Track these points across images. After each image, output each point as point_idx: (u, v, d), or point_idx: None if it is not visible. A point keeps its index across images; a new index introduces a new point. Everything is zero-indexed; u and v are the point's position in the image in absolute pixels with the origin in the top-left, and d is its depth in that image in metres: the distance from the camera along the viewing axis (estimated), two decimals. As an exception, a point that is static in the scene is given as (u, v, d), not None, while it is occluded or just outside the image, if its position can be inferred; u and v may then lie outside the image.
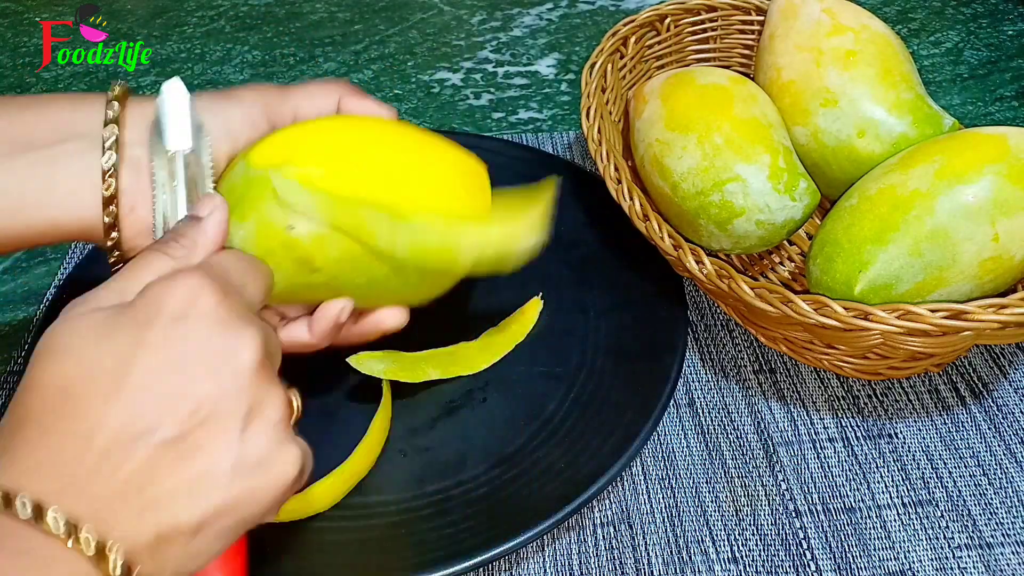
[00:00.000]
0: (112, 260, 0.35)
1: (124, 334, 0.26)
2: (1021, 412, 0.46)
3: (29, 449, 0.25)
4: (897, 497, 0.42)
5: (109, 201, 0.33)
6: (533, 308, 0.49)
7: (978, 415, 0.46)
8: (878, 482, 0.43)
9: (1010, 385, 0.47)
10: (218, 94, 0.37)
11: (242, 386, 0.26)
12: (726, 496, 0.42)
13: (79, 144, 0.34)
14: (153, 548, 0.25)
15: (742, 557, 0.40)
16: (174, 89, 0.35)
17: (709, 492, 0.42)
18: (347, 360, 0.43)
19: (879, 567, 0.39)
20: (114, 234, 0.34)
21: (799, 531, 0.41)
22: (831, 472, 0.43)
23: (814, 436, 0.45)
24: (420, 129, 0.39)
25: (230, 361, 0.26)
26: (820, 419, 0.46)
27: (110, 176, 0.33)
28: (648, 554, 0.40)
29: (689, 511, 0.42)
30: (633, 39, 0.54)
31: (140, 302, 0.27)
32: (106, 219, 0.33)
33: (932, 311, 0.37)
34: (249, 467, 0.26)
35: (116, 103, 0.35)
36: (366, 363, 0.43)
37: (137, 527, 0.24)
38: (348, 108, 0.39)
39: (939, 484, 0.43)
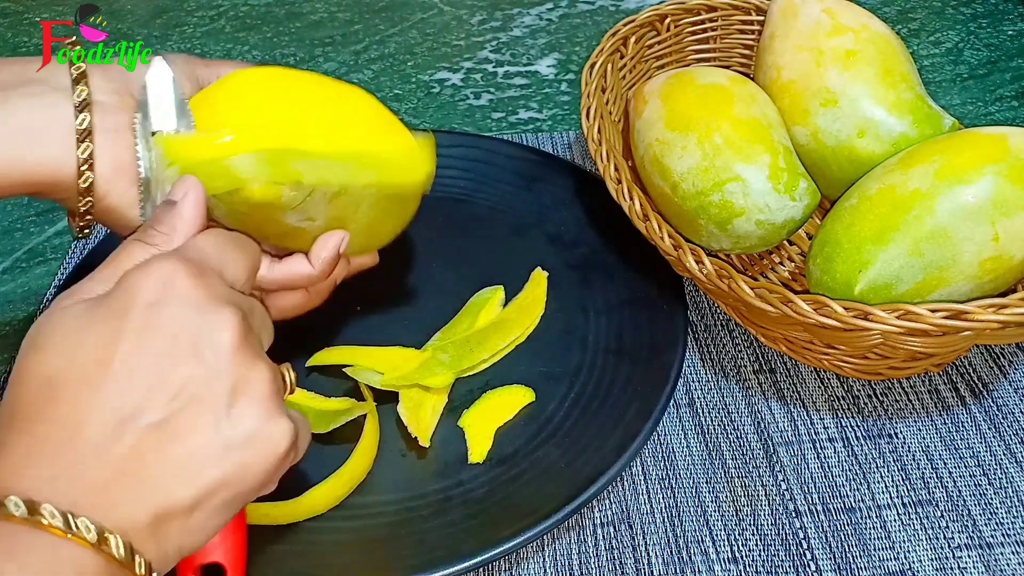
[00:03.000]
0: (78, 223, 0.35)
1: (103, 323, 0.26)
2: (1021, 412, 0.46)
3: (18, 442, 0.25)
4: (897, 497, 0.42)
5: (85, 163, 0.33)
6: (539, 282, 0.50)
7: (978, 415, 0.46)
8: (878, 482, 0.43)
9: (1010, 385, 0.47)
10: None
11: (223, 365, 0.27)
12: (726, 496, 0.42)
13: (38, 88, 0.33)
14: (152, 528, 0.25)
15: (742, 557, 0.40)
16: (157, 69, 0.35)
17: (709, 492, 0.42)
18: (344, 370, 0.44)
19: (879, 567, 0.39)
20: (88, 199, 0.34)
21: (799, 531, 0.41)
22: (831, 472, 0.43)
23: (814, 436, 0.45)
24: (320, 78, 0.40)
25: (209, 341, 0.27)
26: (820, 419, 0.46)
27: (85, 139, 0.33)
28: (648, 554, 0.40)
29: (689, 511, 0.42)
30: (633, 39, 0.54)
31: (116, 291, 0.27)
32: (81, 183, 0.33)
33: (932, 311, 0.37)
34: (239, 443, 0.27)
35: (81, 63, 0.34)
36: (363, 374, 0.44)
37: (134, 510, 0.25)
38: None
39: (939, 484, 0.43)
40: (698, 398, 0.47)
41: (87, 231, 0.36)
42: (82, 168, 0.33)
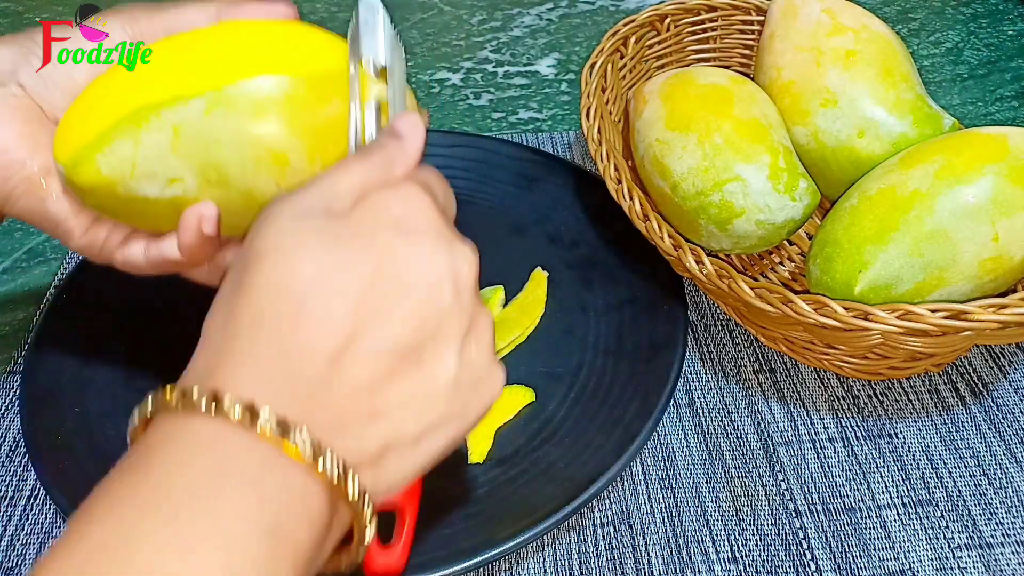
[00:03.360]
0: None
1: (353, 242, 0.25)
2: (1021, 412, 0.46)
3: (266, 356, 0.24)
4: (897, 497, 0.42)
5: None
6: (539, 282, 0.49)
7: (978, 415, 0.46)
8: (878, 482, 0.43)
9: (1010, 385, 0.47)
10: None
11: (464, 303, 0.26)
12: (726, 496, 0.42)
13: None
14: (375, 459, 0.25)
15: (742, 557, 0.40)
16: (369, 3, 0.33)
17: (709, 492, 0.42)
18: None
19: (879, 567, 0.39)
20: None
21: (799, 531, 0.41)
22: (831, 472, 0.43)
23: (814, 436, 0.45)
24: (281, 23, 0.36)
25: (457, 276, 0.26)
26: (820, 419, 0.46)
27: None
28: (648, 554, 0.40)
29: (689, 511, 0.42)
30: (633, 39, 0.54)
31: (362, 210, 0.26)
32: None
33: (932, 311, 0.37)
34: (466, 383, 0.26)
35: None
36: None
37: (363, 437, 0.24)
38: (227, 18, 0.35)
39: (939, 484, 0.43)
40: (698, 398, 0.47)
41: None
42: None
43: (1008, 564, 0.39)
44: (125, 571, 0.20)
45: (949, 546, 0.40)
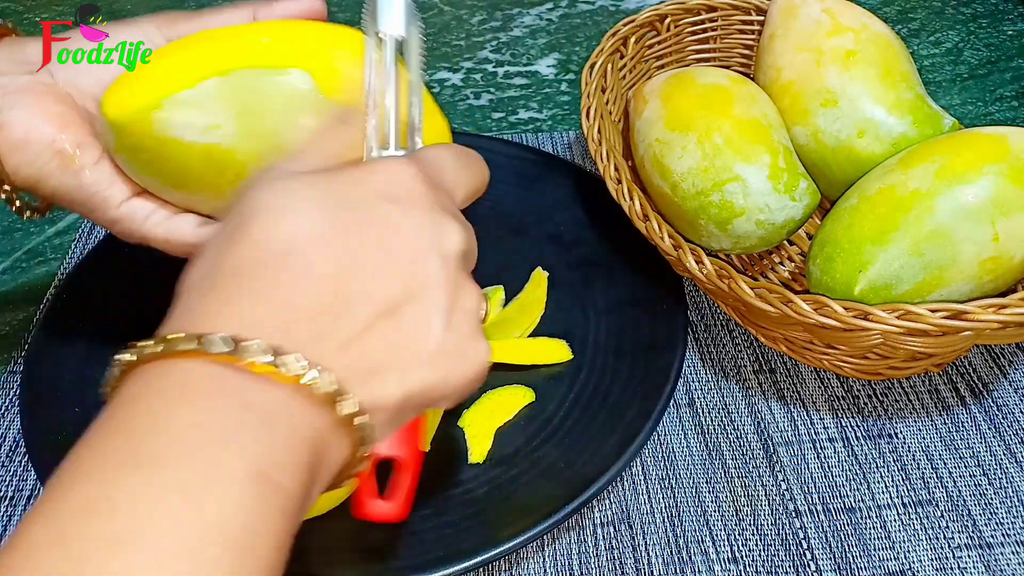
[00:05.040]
0: (14, 207, 0.35)
1: (342, 201, 0.26)
2: (1021, 412, 0.46)
3: (254, 299, 0.24)
4: (897, 497, 0.42)
5: None
6: (539, 282, 0.49)
7: (978, 415, 0.46)
8: (878, 482, 0.43)
9: (1010, 385, 0.47)
10: (116, 22, 0.37)
11: (448, 273, 0.27)
12: (726, 496, 0.42)
13: None
14: (365, 379, 0.25)
15: (742, 557, 0.40)
16: None
17: (709, 492, 0.42)
18: None
19: (879, 567, 0.39)
20: (4, 185, 0.34)
21: (799, 531, 0.41)
22: (831, 472, 0.43)
23: (814, 436, 0.45)
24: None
25: (438, 247, 0.27)
26: (820, 419, 0.46)
27: None
28: (648, 554, 0.40)
29: (689, 511, 0.42)
30: (633, 39, 0.54)
31: (351, 176, 0.27)
32: None
33: (932, 311, 0.37)
34: (450, 352, 0.26)
35: None
36: None
37: (350, 367, 0.24)
38: (262, 17, 0.37)
39: (939, 484, 0.43)
40: (698, 398, 0.47)
41: (31, 214, 0.35)
42: None
43: (1008, 564, 0.39)
44: (109, 531, 0.19)
45: (949, 546, 0.40)
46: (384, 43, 0.32)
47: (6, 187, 0.34)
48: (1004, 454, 0.44)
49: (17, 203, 0.35)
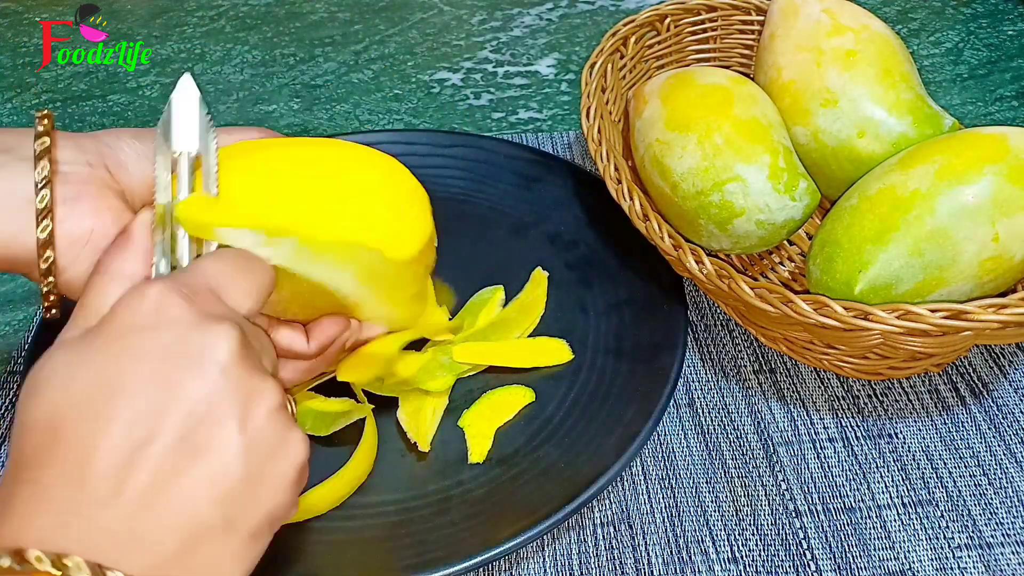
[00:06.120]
0: (46, 304, 0.32)
1: (98, 353, 0.25)
2: (1021, 412, 0.46)
3: (27, 494, 0.24)
4: (897, 497, 0.42)
5: (45, 244, 0.30)
6: (539, 282, 0.50)
7: (978, 415, 0.46)
8: (878, 482, 0.43)
9: (1010, 385, 0.47)
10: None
11: (231, 379, 0.26)
12: (726, 496, 0.42)
13: (3, 158, 0.31)
14: (182, 555, 0.24)
15: (742, 557, 0.40)
16: (185, 88, 0.33)
17: (709, 492, 0.42)
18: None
19: (879, 567, 0.39)
20: (51, 278, 0.31)
21: (799, 531, 0.41)
22: (831, 472, 0.43)
23: (814, 436, 0.45)
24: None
25: (211, 357, 0.26)
26: (820, 419, 0.46)
27: (45, 217, 0.30)
28: (648, 554, 0.40)
29: (689, 511, 0.41)
30: (633, 39, 0.54)
31: (106, 320, 0.26)
32: (42, 264, 0.30)
33: (932, 311, 0.37)
34: (260, 454, 0.26)
35: (46, 137, 0.31)
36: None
37: (160, 540, 0.24)
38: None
39: (939, 484, 0.43)
40: (698, 398, 0.47)
41: (55, 312, 0.32)
42: (42, 249, 0.30)
43: (1008, 564, 0.39)
44: None
45: (949, 546, 0.40)
46: (179, 161, 0.31)
47: (50, 280, 0.31)
48: (1004, 454, 0.44)
49: (51, 298, 0.32)
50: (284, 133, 0.39)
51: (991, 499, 0.42)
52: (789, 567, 0.39)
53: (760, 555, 0.40)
